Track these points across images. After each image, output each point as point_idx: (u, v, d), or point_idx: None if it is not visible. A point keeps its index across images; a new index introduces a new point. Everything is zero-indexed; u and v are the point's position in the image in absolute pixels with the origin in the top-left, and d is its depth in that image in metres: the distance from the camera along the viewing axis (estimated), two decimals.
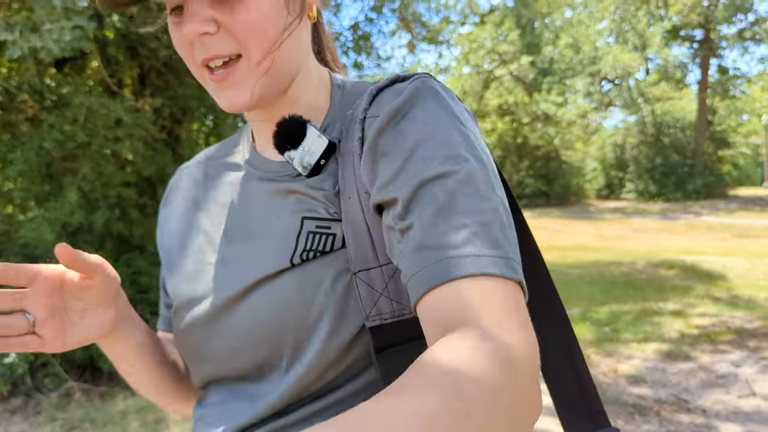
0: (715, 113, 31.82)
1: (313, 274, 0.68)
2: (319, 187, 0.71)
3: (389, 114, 0.67)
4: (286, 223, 0.71)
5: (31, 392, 4.09)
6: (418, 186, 0.61)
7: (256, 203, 0.77)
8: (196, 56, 0.70)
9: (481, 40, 29.96)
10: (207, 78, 0.71)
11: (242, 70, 0.69)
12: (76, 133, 4.15)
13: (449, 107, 0.67)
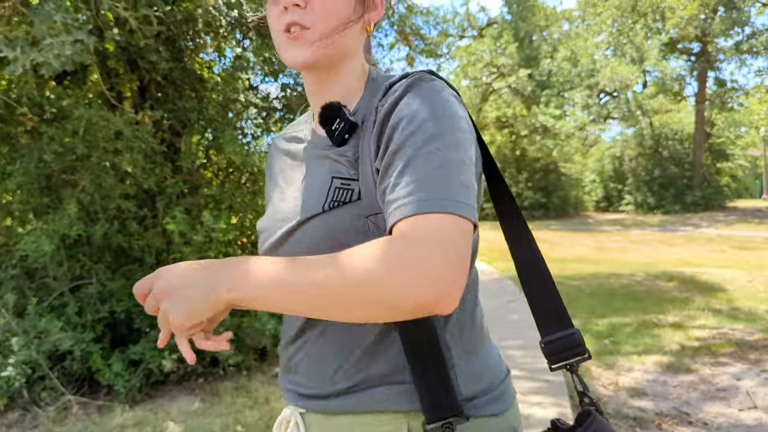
0: (713, 126, 31.92)
1: (337, 218, 0.93)
2: (343, 154, 0.96)
3: (388, 105, 0.91)
4: (322, 180, 0.97)
5: (28, 406, 4.07)
6: (390, 156, 0.86)
7: (306, 164, 1.04)
8: (283, 20, 0.95)
9: (480, 53, 30.11)
10: (284, 38, 0.97)
11: (311, 36, 0.94)
12: (76, 145, 4.15)
13: (432, 99, 0.89)
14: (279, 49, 0.99)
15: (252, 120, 5.76)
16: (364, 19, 1.00)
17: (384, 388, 0.93)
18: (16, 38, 3.16)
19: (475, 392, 0.95)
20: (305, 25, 0.94)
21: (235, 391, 4.48)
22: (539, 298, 1.03)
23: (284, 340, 1.05)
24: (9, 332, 3.91)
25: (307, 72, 1.03)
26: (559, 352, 1.02)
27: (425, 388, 0.90)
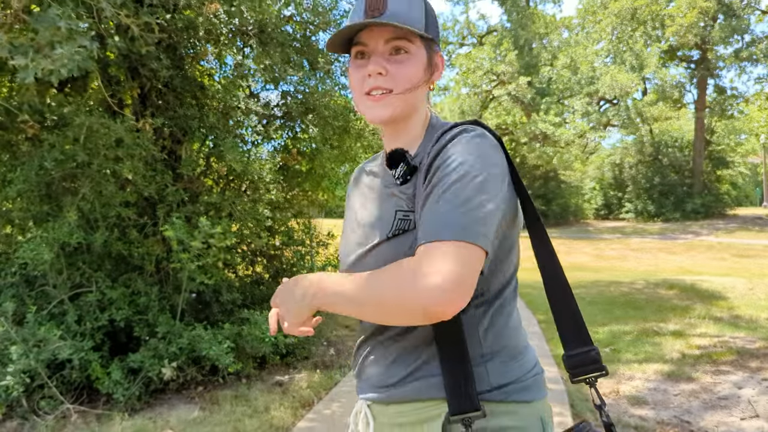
0: (713, 133, 31.96)
1: (399, 243, 1.14)
2: (405, 192, 1.18)
3: (434, 152, 1.13)
4: (388, 213, 1.19)
5: (27, 415, 4.05)
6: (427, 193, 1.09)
7: (378, 198, 1.26)
8: (366, 85, 1.18)
9: (479, 61, 30.17)
10: (366, 99, 1.19)
11: (390, 99, 1.18)
12: (77, 152, 4.15)
13: (469, 148, 1.10)
14: (360, 106, 1.22)
15: (252, 127, 5.77)
16: (432, 80, 1.25)
17: (425, 380, 1.14)
18: (21, 45, 3.16)
19: (506, 381, 1.14)
20: (386, 89, 1.17)
21: (234, 400, 4.47)
22: (563, 313, 1.21)
23: (357, 342, 1.30)
24: (8, 341, 3.89)
25: (385, 126, 1.26)
26: (579, 366, 1.20)
27: (451, 387, 1.11)
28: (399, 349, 1.19)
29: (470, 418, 1.08)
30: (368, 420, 1.24)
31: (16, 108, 4.37)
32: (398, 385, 1.18)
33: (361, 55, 1.19)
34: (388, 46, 1.17)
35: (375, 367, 1.23)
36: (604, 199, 34.73)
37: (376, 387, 1.22)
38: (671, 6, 28.54)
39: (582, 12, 34.15)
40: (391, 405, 1.20)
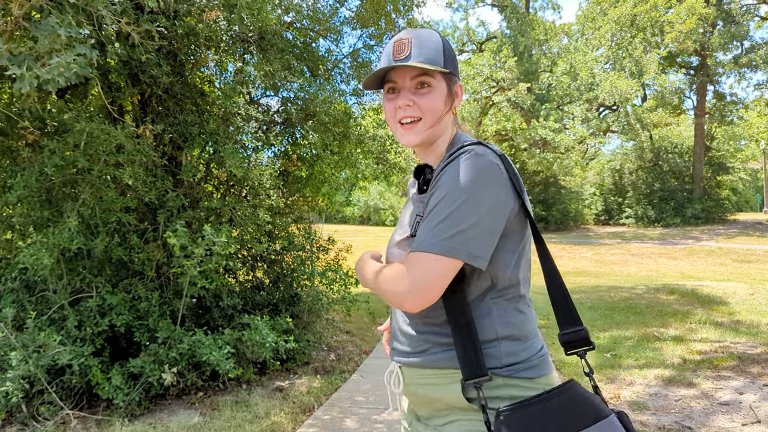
0: (713, 139, 31.98)
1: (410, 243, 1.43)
2: (422, 200, 1.46)
3: (438, 172, 1.39)
4: (412, 215, 1.49)
5: (26, 421, 4.04)
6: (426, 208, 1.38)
7: (409, 203, 1.58)
8: (398, 115, 1.47)
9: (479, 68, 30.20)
10: (399, 127, 1.48)
11: (419, 126, 1.46)
12: (77, 158, 4.16)
13: (465, 169, 1.33)
14: (395, 133, 1.51)
15: (252, 133, 5.78)
16: (453, 106, 1.52)
17: (446, 353, 1.39)
18: (20, 54, 3.17)
19: (515, 361, 1.36)
20: (415, 117, 1.45)
21: (234, 405, 4.46)
22: (558, 299, 1.44)
23: (392, 312, 1.60)
24: (8, 346, 3.89)
25: (416, 148, 1.54)
26: (571, 342, 1.42)
27: (462, 358, 1.35)
28: (420, 326, 1.45)
29: (480, 383, 1.32)
30: (399, 379, 1.52)
31: (17, 114, 4.38)
32: (420, 355, 1.44)
33: (392, 90, 1.49)
34: (413, 81, 1.45)
35: (403, 338, 1.50)
36: (604, 204, 34.73)
37: (404, 354, 1.49)
38: (670, 12, 28.61)
39: (581, 18, 34.25)
40: (415, 369, 1.46)
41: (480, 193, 1.30)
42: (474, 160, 1.33)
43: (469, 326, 1.36)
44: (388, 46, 1.48)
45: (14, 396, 3.75)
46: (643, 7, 28.59)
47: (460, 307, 1.37)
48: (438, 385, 1.41)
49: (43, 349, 3.95)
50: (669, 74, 31.72)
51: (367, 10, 6.53)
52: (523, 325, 1.42)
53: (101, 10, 3.51)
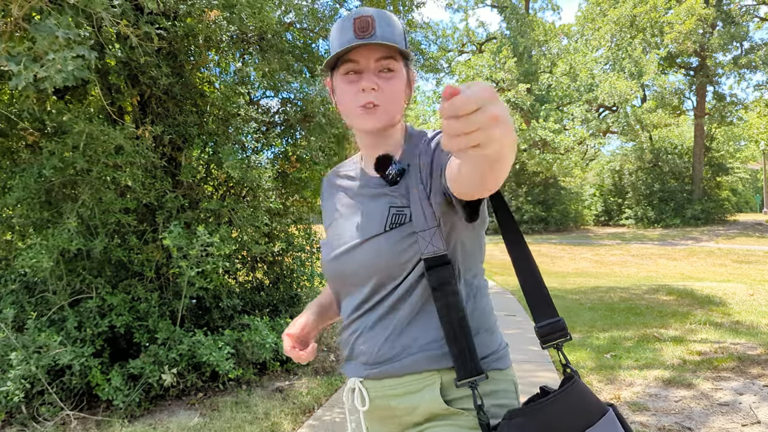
0: (712, 140, 31.99)
1: (396, 235, 1.31)
2: (396, 190, 1.35)
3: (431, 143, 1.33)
4: (380, 210, 1.35)
5: (26, 421, 4.04)
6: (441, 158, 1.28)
7: (362, 199, 1.41)
8: (360, 99, 1.31)
9: (479, 68, 30.24)
10: (359, 110, 1.32)
11: (380, 111, 1.32)
12: (76, 160, 4.16)
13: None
14: (353, 118, 1.35)
15: (252, 134, 5.78)
16: (410, 95, 1.42)
17: (423, 354, 1.30)
18: (18, 54, 3.17)
19: (488, 353, 1.34)
20: (377, 103, 1.31)
21: (234, 406, 4.46)
22: (532, 291, 1.35)
23: (342, 325, 1.44)
24: (8, 347, 3.89)
25: (371, 134, 1.39)
26: (548, 334, 1.34)
27: (457, 354, 1.28)
28: (392, 328, 1.33)
29: (476, 382, 1.27)
30: (364, 395, 1.39)
31: (17, 116, 4.39)
32: (393, 361, 1.33)
33: (353, 72, 1.33)
34: (377, 64, 1.32)
35: (367, 346, 1.36)
36: (604, 205, 34.73)
37: (370, 365, 1.36)
38: (670, 13, 28.63)
39: (581, 19, 34.26)
40: (385, 380, 1.35)
41: None
42: None
43: (462, 322, 1.28)
44: (345, 23, 1.32)
45: (15, 396, 3.75)
46: (642, 8, 28.61)
47: (454, 301, 1.29)
48: (414, 392, 1.32)
49: (44, 350, 3.95)
50: (669, 75, 31.74)
51: None
52: (491, 314, 1.40)
53: (100, 11, 3.51)
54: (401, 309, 1.33)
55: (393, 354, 1.33)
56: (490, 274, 13.19)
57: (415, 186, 1.33)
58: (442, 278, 1.30)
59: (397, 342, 1.33)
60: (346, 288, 1.41)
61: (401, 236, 1.31)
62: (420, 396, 1.32)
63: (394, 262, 1.31)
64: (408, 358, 1.32)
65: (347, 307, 1.42)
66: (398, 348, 1.33)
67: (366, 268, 1.34)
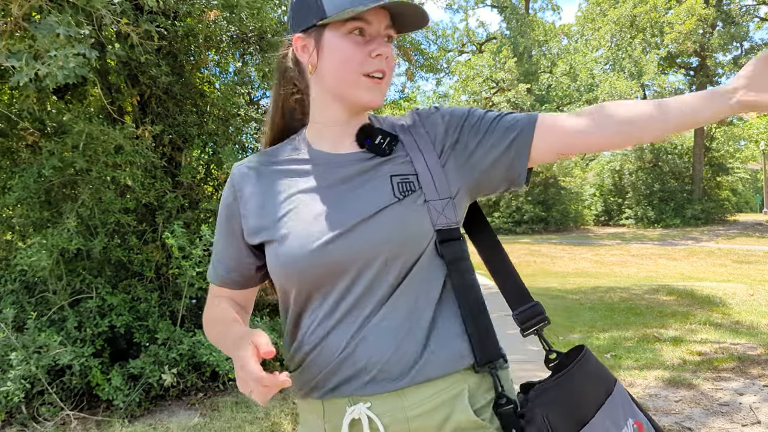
0: (712, 140, 31.98)
1: (408, 204, 1.15)
2: (395, 159, 1.20)
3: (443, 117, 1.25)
4: (380, 181, 1.17)
5: (26, 421, 4.04)
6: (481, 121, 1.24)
7: (348, 176, 1.19)
8: (368, 65, 1.14)
9: (479, 68, 30.23)
10: (365, 81, 1.15)
11: (384, 84, 1.17)
12: (76, 159, 4.16)
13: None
14: (352, 85, 1.16)
15: (252, 134, 5.78)
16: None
17: (448, 352, 1.12)
18: (19, 51, 3.18)
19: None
20: (386, 74, 1.17)
21: (234, 406, 4.46)
22: (506, 280, 1.28)
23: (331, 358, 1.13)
24: (8, 347, 3.89)
25: (362, 110, 1.23)
26: (527, 320, 1.25)
27: (476, 335, 1.15)
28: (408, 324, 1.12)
29: (496, 366, 1.16)
30: (378, 424, 1.10)
31: (17, 115, 4.39)
32: (416, 367, 1.10)
33: (360, 33, 1.14)
34: (386, 32, 1.16)
35: (379, 353, 1.10)
36: (604, 205, 34.71)
37: (388, 379, 1.10)
38: (670, 13, 28.62)
39: (581, 19, 34.25)
40: (407, 395, 1.10)
41: None
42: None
43: (480, 300, 1.17)
44: None
45: (15, 396, 3.75)
46: (642, 8, 28.60)
47: (470, 279, 1.17)
48: (441, 405, 1.11)
49: (44, 350, 3.95)
50: (668, 75, 31.74)
51: None
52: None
53: (100, 9, 3.51)
54: (420, 295, 1.14)
55: (416, 357, 1.11)
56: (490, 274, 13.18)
57: (421, 154, 1.20)
58: (456, 253, 1.17)
59: (419, 340, 1.12)
60: (331, 282, 1.14)
61: (415, 204, 1.15)
62: (449, 408, 1.11)
63: (417, 232, 1.14)
64: (433, 358, 1.11)
65: (325, 308, 1.15)
66: (420, 347, 1.12)
67: (376, 247, 1.11)
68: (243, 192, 1.25)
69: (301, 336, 1.17)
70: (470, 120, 1.22)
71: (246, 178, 1.26)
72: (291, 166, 1.24)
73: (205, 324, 1.31)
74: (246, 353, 0.99)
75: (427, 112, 1.27)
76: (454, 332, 1.15)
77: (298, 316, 1.19)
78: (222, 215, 1.29)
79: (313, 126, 1.26)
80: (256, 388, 0.98)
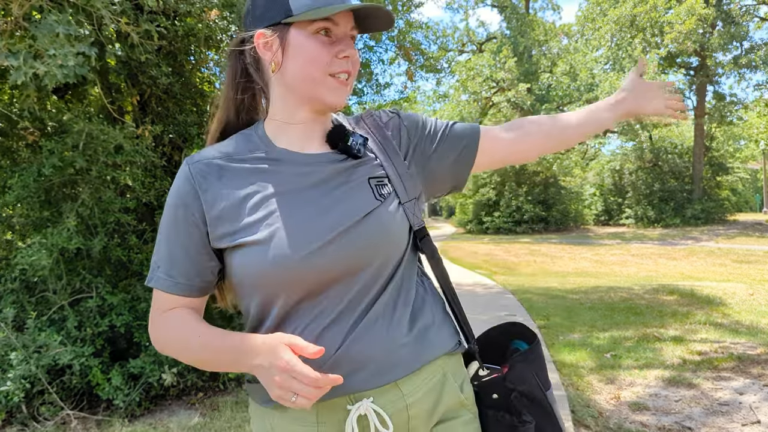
0: (712, 139, 31.99)
1: (388, 206, 1.18)
2: (367, 161, 1.23)
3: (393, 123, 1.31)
4: (359, 183, 1.18)
5: (26, 421, 4.04)
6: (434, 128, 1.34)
7: (326, 178, 1.18)
8: (335, 66, 1.14)
9: (479, 68, 30.23)
10: (333, 81, 1.15)
11: (349, 86, 1.19)
12: (76, 159, 4.16)
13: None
14: (319, 85, 1.15)
15: None
16: None
17: (436, 338, 1.21)
18: (18, 51, 3.18)
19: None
20: (351, 74, 1.18)
21: (235, 406, 4.46)
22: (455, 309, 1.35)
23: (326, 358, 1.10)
24: (8, 346, 3.89)
25: (327, 111, 1.22)
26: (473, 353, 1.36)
27: (458, 320, 1.32)
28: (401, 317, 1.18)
29: (475, 344, 1.34)
30: (384, 417, 1.13)
31: (17, 115, 4.39)
32: (412, 355, 1.16)
33: (326, 33, 1.14)
34: (351, 33, 1.18)
35: (375, 347, 1.13)
36: (604, 205, 34.73)
37: (385, 371, 1.13)
38: (670, 13, 28.61)
39: (581, 19, 34.25)
40: (404, 384, 1.16)
41: None
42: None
43: (453, 290, 1.32)
44: None
45: (15, 396, 3.75)
46: (642, 7, 28.59)
47: (444, 269, 1.30)
48: (434, 387, 1.19)
49: (44, 350, 3.95)
50: (669, 75, 31.72)
51: None
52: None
53: (100, 9, 3.51)
54: (407, 289, 1.21)
55: (410, 347, 1.16)
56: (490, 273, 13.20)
57: (389, 157, 1.25)
58: (432, 248, 1.28)
59: (413, 330, 1.18)
60: (323, 286, 1.12)
61: (395, 206, 1.20)
62: (439, 389, 1.20)
63: (401, 232, 1.19)
64: (427, 344, 1.19)
65: (316, 310, 1.13)
66: (413, 337, 1.17)
67: (369, 250, 1.13)
68: (206, 190, 1.16)
69: (293, 333, 1.14)
70: (426, 128, 1.31)
71: (207, 175, 1.17)
72: (259, 164, 1.18)
73: (168, 345, 1.19)
74: (288, 356, 0.98)
75: (387, 115, 1.32)
76: (440, 317, 1.25)
77: (282, 319, 1.15)
78: (174, 215, 1.18)
79: (273, 122, 1.23)
80: (306, 391, 0.96)
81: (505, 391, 1.26)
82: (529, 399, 1.26)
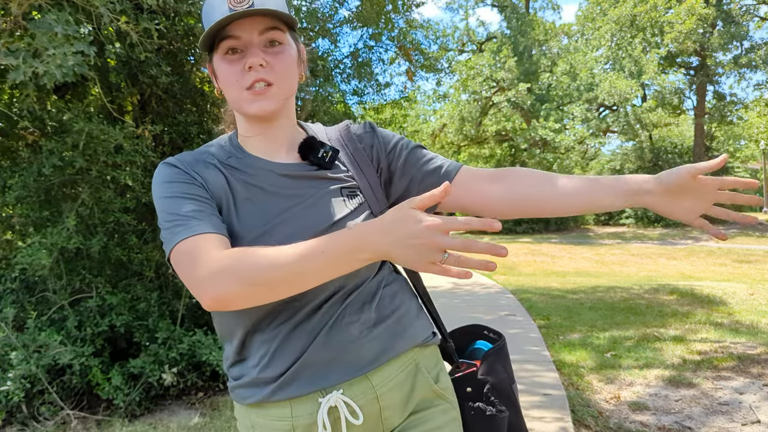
0: (712, 139, 32.00)
1: (361, 214, 1.20)
2: (338, 171, 1.24)
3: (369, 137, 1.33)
4: (331, 191, 1.21)
5: (27, 421, 4.04)
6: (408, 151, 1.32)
7: (298, 186, 1.20)
8: (246, 79, 1.14)
9: (479, 68, 30.22)
10: (246, 94, 1.15)
11: (272, 91, 1.16)
12: (76, 159, 4.16)
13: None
14: (240, 101, 1.17)
15: None
16: (302, 73, 1.28)
17: (410, 329, 1.24)
18: (18, 50, 3.17)
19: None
20: (270, 81, 1.15)
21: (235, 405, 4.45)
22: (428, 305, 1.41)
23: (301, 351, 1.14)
24: (8, 346, 3.89)
25: (265, 119, 1.21)
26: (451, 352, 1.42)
27: (434, 315, 1.38)
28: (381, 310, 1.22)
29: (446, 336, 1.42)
30: (354, 408, 1.15)
31: (17, 115, 4.38)
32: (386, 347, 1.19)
33: (233, 51, 1.16)
34: (262, 38, 1.16)
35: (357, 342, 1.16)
36: None
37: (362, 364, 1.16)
38: (670, 13, 28.62)
39: (581, 19, 34.26)
40: (376, 375, 1.17)
41: None
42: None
43: (424, 287, 1.40)
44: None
45: (15, 395, 3.75)
46: (642, 7, 28.60)
47: (413, 272, 1.38)
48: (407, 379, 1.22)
49: (44, 349, 3.95)
50: (669, 74, 31.73)
51: (366, 10, 6.54)
52: None
53: (99, 8, 3.50)
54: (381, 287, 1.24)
55: (380, 340, 1.18)
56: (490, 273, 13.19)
57: (360, 168, 1.28)
58: None
59: (383, 324, 1.20)
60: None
61: (365, 216, 1.21)
62: (412, 380, 1.22)
63: None
64: (395, 339, 1.21)
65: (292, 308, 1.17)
66: (383, 330, 1.20)
67: None
68: (198, 174, 1.19)
69: (266, 332, 1.16)
70: (400, 149, 1.31)
71: (194, 164, 1.20)
72: (234, 170, 1.21)
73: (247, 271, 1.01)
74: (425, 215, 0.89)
75: (362, 129, 1.33)
76: (414, 311, 1.28)
77: (251, 320, 1.18)
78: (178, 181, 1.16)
79: (239, 135, 1.28)
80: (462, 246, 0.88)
81: (478, 383, 1.33)
82: (498, 391, 1.33)
